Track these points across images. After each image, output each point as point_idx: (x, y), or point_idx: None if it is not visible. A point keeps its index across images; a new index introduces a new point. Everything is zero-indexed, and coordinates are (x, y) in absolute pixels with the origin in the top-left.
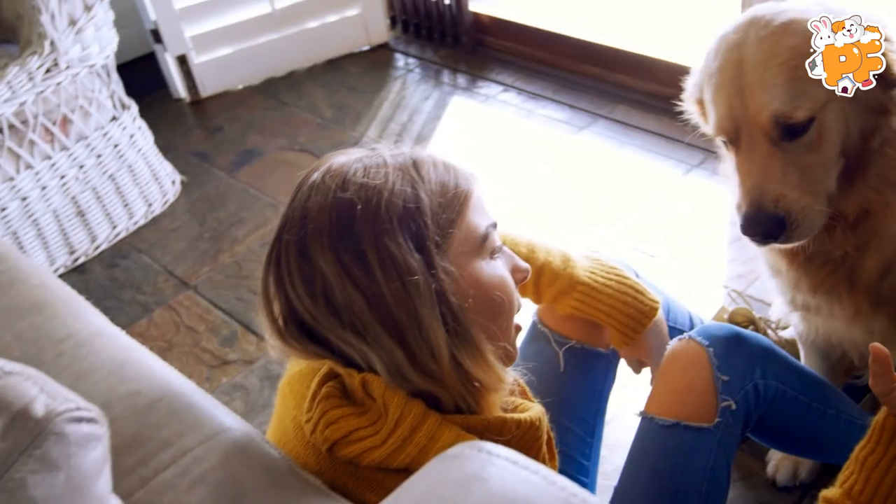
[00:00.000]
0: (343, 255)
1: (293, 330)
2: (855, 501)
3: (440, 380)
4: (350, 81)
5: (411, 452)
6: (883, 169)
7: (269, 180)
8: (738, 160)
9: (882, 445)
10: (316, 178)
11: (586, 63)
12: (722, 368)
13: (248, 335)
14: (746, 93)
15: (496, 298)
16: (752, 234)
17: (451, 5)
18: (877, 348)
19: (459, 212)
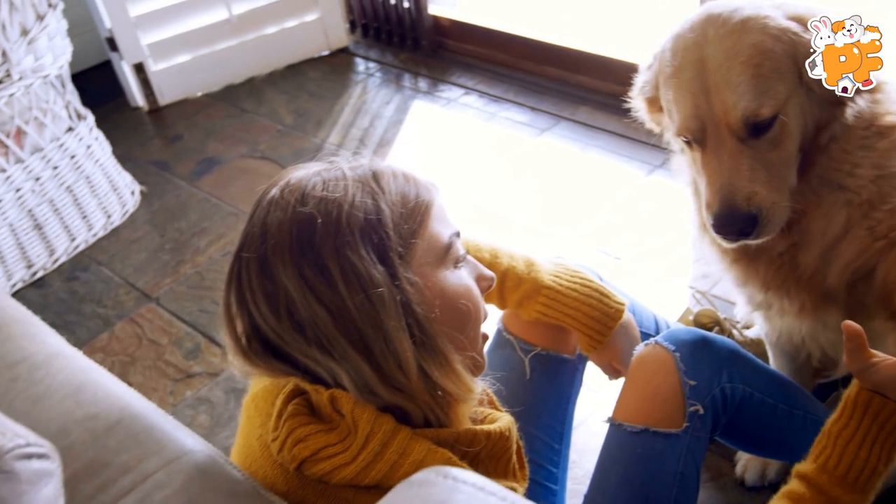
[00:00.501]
0: (305, 269)
1: (257, 348)
2: (830, 475)
3: (409, 393)
4: (310, 87)
5: (382, 469)
6: (825, 169)
7: (230, 189)
8: (704, 159)
9: (855, 419)
10: (274, 193)
11: (548, 65)
12: (689, 373)
13: (212, 347)
14: (712, 91)
15: (462, 308)
16: (727, 233)
17: (411, 9)
18: (849, 325)
19: (421, 222)
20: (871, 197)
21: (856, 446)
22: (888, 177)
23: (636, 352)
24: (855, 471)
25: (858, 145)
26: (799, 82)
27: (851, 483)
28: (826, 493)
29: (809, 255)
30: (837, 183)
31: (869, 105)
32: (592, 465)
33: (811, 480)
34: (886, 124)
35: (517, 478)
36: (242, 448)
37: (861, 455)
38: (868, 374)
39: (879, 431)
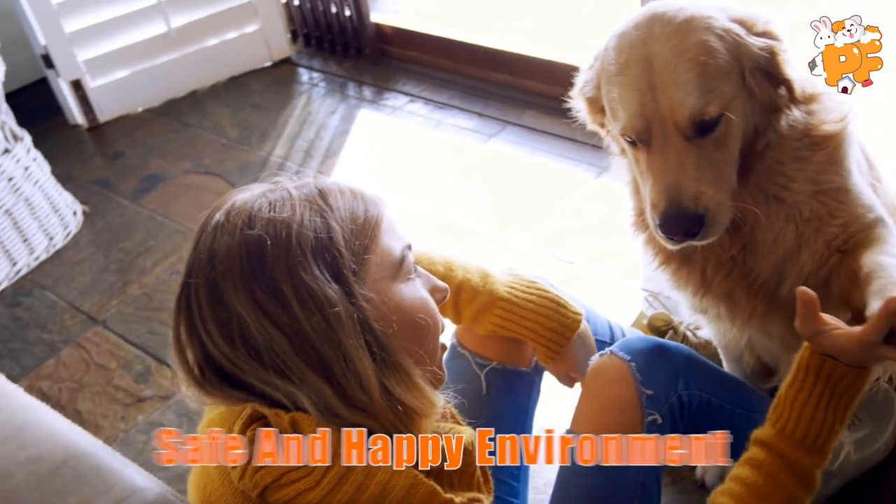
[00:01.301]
0: (258, 293)
1: (211, 377)
2: (789, 440)
3: (371, 412)
4: (254, 99)
5: (349, 490)
6: (761, 177)
7: (175, 206)
8: (649, 159)
9: (809, 382)
10: (219, 218)
11: (492, 70)
12: (645, 383)
13: (162, 369)
14: (658, 89)
15: (420, 321)
16: (673, 233)
17: (353, 17)
18: (804, 291)
19: (372, 237)
20: (817, 213)
21: (811, 409)
22: (828, 192)
23: (591, 362)
24: (812, 433)
25: (791, 156)
26: (742, 84)
27: (810, 445)
28: (786, 457)
29: (764, 263)
30: (774, 195)
31: (804, 116)
32: (552, 474)
33: (771, 446)
34: (822, 134)
35: (482, 490)
36: (200, 477)
37: (817, 417)
38: (819, 339)
39: (833, 393)
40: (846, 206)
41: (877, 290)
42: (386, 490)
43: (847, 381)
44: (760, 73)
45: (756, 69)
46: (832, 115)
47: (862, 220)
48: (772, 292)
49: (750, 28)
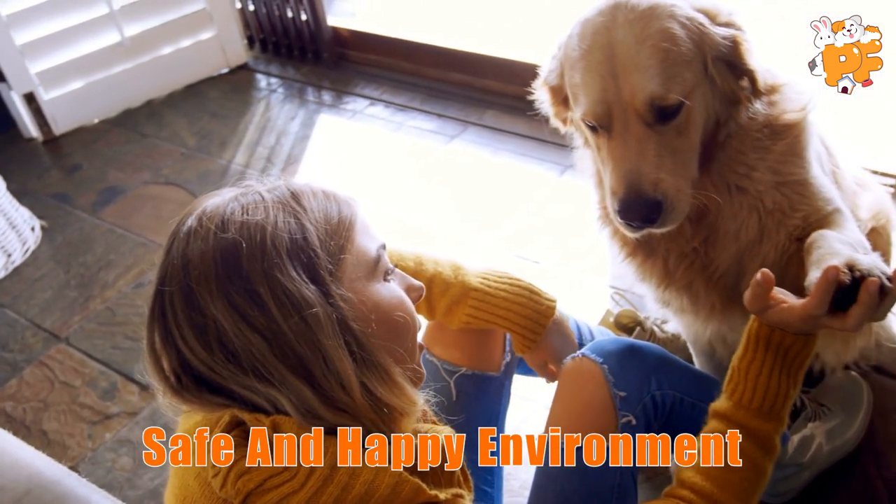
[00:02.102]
0: (234, 297)
1: (189, 384)
2: (747, 409)
3: (353, 412)
4: (212, 107)
5: (333, 492)
6: (723, 167)
7: (135, 218)
8: (610, 145)
9: (760, 352)
10: (191, 223)
11: (452, 71)
12: (618, 384)
13: (129, 385)
14: (620, 75)
15: (398, 320)
16: (632, 219)
17: (309, 21)
18: (766, 272)
19: (347, 237)
20: (780, 205)
21: (766, 378)
22: (790, 184)
23: (563, 365)
24: (769, 400)
25: (752, 146)
26: (704, 73)
27: (767, 412)
28: (745, 426)
29: (724, 255)
30: (736, 185)
31: (765, 106)
32: (527, 476)
33: (730, 417)
34: (783, 123)
35: (463, 487)
36: (179, 489)
37: (772, 385)
38: (766, 314)
39: (784, 360)
40: (807, 199)
41: (816, 260)
42: (371, 489)
43: (796, 349)
44: (723, 64)
45: (718, 59)
46: (793, 104)
47: (821, 213)
48: (731, 286)
49: (713, 18)
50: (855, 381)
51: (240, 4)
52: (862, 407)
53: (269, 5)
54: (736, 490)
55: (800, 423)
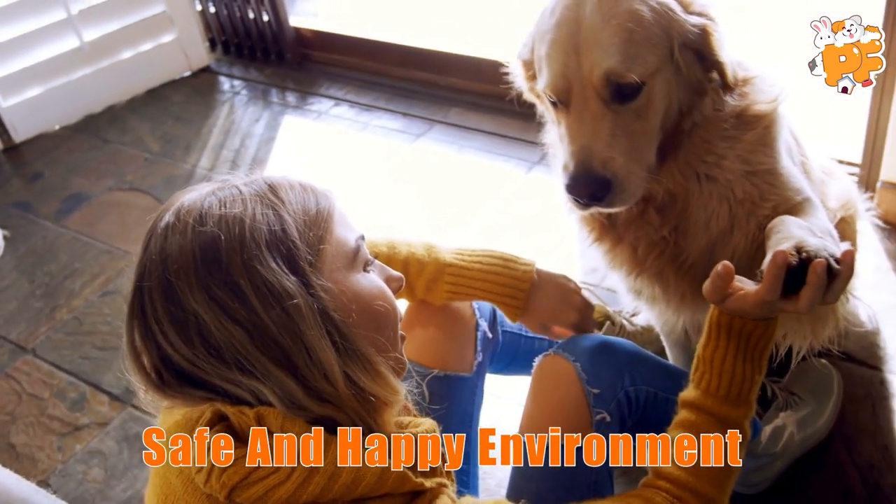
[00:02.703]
0: (215, 290)
1: (171, 379)
2: (714, 397)
3: (336, 403)
4: (175, 110)
5: (320, 482)
6: (690, 156)
7: (100, 225)
8: (567, 120)
9: (723, 340)
10: (168, 219)
11: (416, 69)
12: (591, 382)
13: (98, 395)
14: (582, 50)
15: (379, 309)
16: (579, 195)
17: (271, 22)
18: (727, 265)
19: (326, 228)
20: (750, 195)
21: (731, 365)
22: (760, 174)
23: (535, 363)
24: (735, 387)
25: (720, 136)
26: (669, 59)
27: (735, 398)
28: (715, 413)
29: (695, 244)
30: (706, 174)
31: (736, 98)
32: (503, 474)
33: (699, 406)
34: (753, 114)
35: (445, 477)
36: (160, 488)
37: (737, 371)
38: (725, 303)
39: (747, 346)
40: (777, 188)
41: (772, 245)
42: (358, 478)
43: (757, 334)
44: (690, 52)
45: (686, 46)
46: (764, 95)
47: (791, 202)
48: (702, 275)
49: (686, 6)
50: (825, 369)
51: (200, 7)
52: (833, 395)
53: (231, 7)
54: (711, 477)
55: (771, 413)
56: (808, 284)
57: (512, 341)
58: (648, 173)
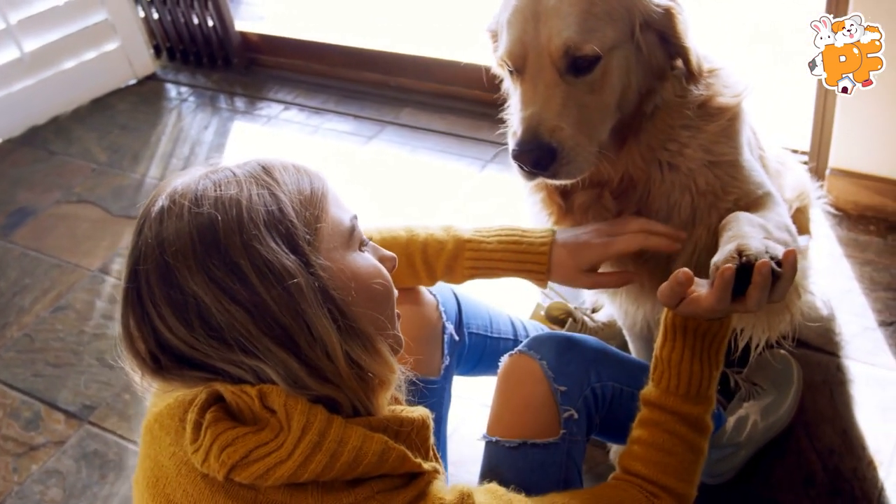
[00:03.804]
0: (215, 272)
1: (168, 363)
2: (675, 395)
3: (337, 382)
4: (121, 119)
5: (322, 460)
6: (651, 138)
7: (49, 239)
8: (521, 88)
9: (679, 341)
10: (163, 203)
11: (365, 70)
12: (558, 380)
13: (53, 413)
14: (541, 19)
15: (378, 287)
16: (524, 161)
17: (216, 27)
18: (687, 272)
19: (321, 207)
20: (713, 187)
21: (688, 364)
22: (722, 165)
23: (501, 364)
24: (694, 385)
25: (683, 124)
26: (629, 37)
27: (695, 395)
28: (677, 411)
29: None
30: (668, 162)
31: (702, 89)
32: (470, 476)
33: (661, 405)
34: (717, 105)
35: (437, 463)
36: (150, 471)
37: (695, 370)
38: (678, 308)
39: (702, 344)
40: (739, 181)
41: (723, 243)
42: (359, 456)
43: (712, 332)
44: (653, 34)
45: (648, 26)
46: (728, 89)
47: (752, 196)
48: (663, 266)
49: None
50: (784, 359)
51: (143, 13)
52: (793, 384)
53: (174, 13)
54: (678, 472)
55: (734, 403)
56: (753, 285)
57: (478, 343)
58: (600, 151)
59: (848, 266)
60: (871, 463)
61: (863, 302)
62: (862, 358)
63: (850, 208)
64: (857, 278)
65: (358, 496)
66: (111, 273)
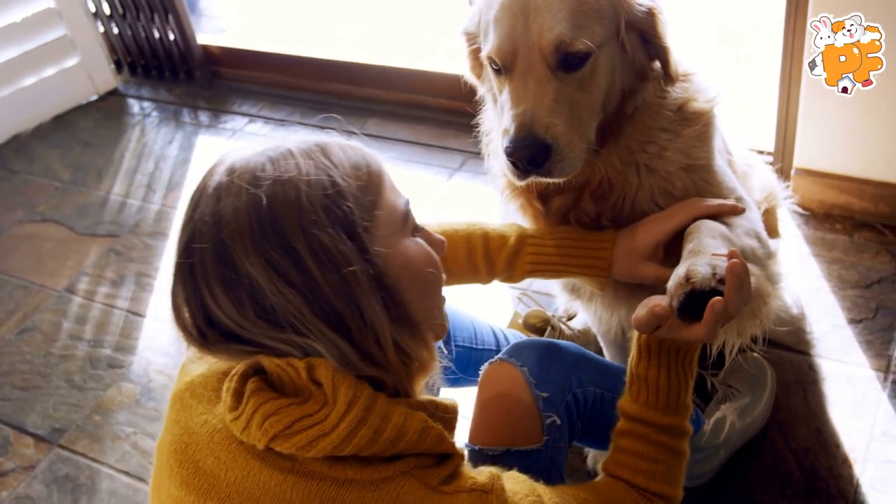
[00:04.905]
0: (271, 254)
1: (215, 338)
2: (654, 408)
3: (384, 366)
4: (83, 136)
5: (366, 434)
6: (631, 140)
7: (12, 260)
8: (511, 85)
9: (654, 359)
10: (220, 179)
11: (329, 81)
12: (540, 386)
13: (22, 437)
14: (531, 15)
15: (428, 276)
16: (519, 157)
17: (177, 40)
18: (668, 308)
19: (378, 192)
20: (688, 191)
21: (665, 379)
22: (698, 169)
23: (482, 371)
24: (673, 397)
25: (661, 127)
26: (615, 36)
27: (674, 407)
28: (657, 423)
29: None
30: (646, 164)
31: (678, 91)
32: None
33: (641, 418)
34: (692, 110)
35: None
36: (179, 438)
37: (672, 384)
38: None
39: (676, 359)
40: (713, 187)
41: (684, 256)
42: (401, 433)
43: (684, 348)
44: (636, 34)
45: (632, 26)
46: (702, 94)
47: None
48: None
49: None
50: (758, 363)
51: (103, 28)
52: (767, 387)
53: (135, 27)
54: (665, 477)
55: (712, 406)
56: (705, 321)
57: (463, 354)
58: (589, 148)
59: (816, 265)
60: (845, 460)
61: (832, 300)
62: (833, 356)
63: (817, 207)
64: (826, 277)
65: (396, 470)
66: (77, 293)
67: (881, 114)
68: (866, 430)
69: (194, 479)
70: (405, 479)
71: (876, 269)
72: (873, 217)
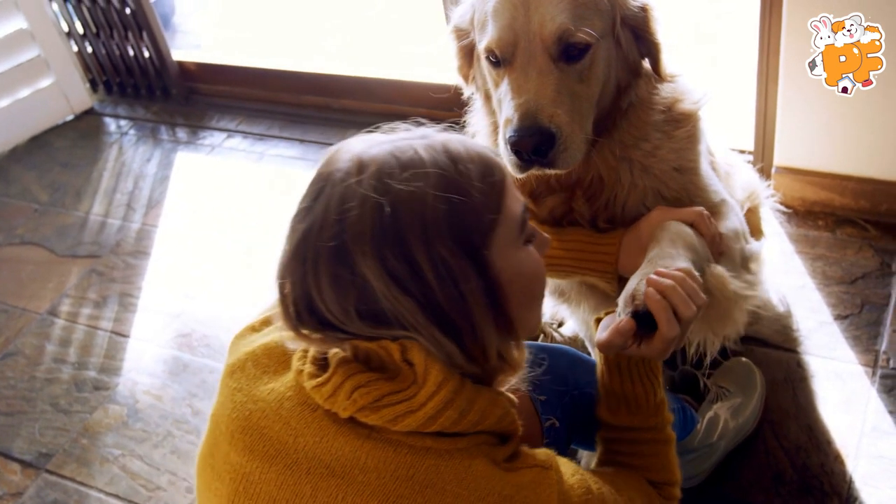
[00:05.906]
0: (391, 261)
1: (312, 324)
2: (633, 415)
3: (483, 367)
4: (61, 157)
5: (451, 416)
6: (625, 135)
7: None
8: (511, 76)
9: (624, 371)
10: (347, 177)
11: (307, 94)
12: (537, 389)
13: (9, 464)
14: (531, 6)
15: (536, 288)
16: (523, 146)
17: (152, 57)
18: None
19: (500, 202)
20: (678, 193)
21: (641, 388)
22: (687, 171)
23: None
24: (649, 401)
25: (654, 126)
26: (611, 31)
27: (653, 408)
28: (639, 427)
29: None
30: (640, 162)
31: (668, 90)
32: None
33: (622, 426)
34: (680, 111)
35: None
36: (241, 406)
37: (647, 389)
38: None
39: (642, 368)
40: (700, 189)
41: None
42: (483, 416)
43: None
44: (629, 30)
45: (627, 22)
46: (688, 96)
47: (710, 203)
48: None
49: None
50: (746, 367)
51: (77, 47)
52: (756, 390)
53: (108, 45)
54: (664, 464)
55: (705, 406)
56: (658, 337)
57: None
58: (588, 138)
59: (800, 262)
60: (837, 457)
61: (817, 297)
62: (821, 353)
63: (798, 205)
64: (810, 274)
65: (470, 442)
66: (60, 315)
67: (860, 110)
68: (857, 426)
69: (259, 444)
70: (477, 451)
71: (860, 264)
72: (855, 213)
